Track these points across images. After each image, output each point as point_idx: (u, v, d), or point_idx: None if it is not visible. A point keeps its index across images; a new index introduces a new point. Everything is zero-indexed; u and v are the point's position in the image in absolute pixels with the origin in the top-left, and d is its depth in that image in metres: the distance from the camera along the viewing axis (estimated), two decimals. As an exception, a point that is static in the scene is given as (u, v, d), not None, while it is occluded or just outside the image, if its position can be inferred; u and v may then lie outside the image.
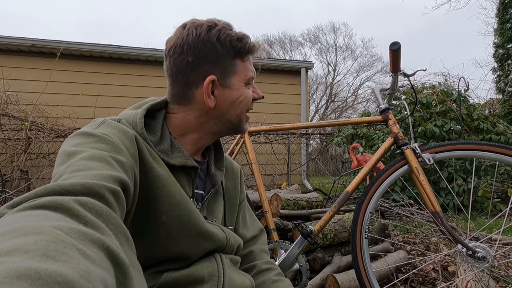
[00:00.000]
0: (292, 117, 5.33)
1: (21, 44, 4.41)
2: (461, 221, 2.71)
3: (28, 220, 0.26)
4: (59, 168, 0.42)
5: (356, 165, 3.56)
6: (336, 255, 1.64)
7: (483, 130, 3.82)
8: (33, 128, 3.56)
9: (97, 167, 0.40)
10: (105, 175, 0.38)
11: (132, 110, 0.63)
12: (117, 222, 0.33)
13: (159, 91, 4.87)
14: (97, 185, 0.35)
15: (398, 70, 1.17)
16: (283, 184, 3.94)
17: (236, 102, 0.65)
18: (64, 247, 0.23)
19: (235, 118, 0.67)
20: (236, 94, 0.65)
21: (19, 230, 0.24)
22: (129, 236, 0.35)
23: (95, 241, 0.27)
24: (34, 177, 3.54)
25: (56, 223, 0.26)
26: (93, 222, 0.29)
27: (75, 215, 0.29)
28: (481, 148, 1.11)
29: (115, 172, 0.41)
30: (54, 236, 0.23)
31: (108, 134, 0.49)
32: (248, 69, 0.66)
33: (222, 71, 0.62)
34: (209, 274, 0.59)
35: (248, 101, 0.67)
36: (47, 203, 0.29)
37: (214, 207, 0.69)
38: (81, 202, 0.31)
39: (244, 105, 0.67)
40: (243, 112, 0.67)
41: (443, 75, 4.82)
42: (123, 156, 0.47)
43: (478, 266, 1.03)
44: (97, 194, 0.34)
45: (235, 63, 0.63)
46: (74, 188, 0.33)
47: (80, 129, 0.52)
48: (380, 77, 21.43)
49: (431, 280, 1.60)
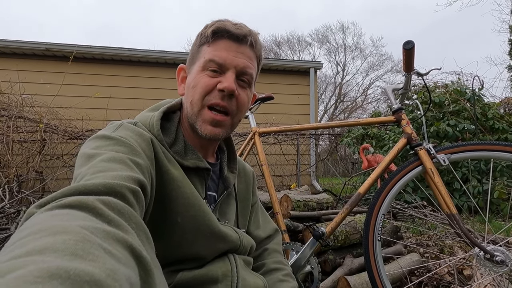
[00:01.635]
0: (301, 118, 5.30)
1: (35, 48, 4.53)
2: (476, 223, 2.64)
3: (56, 220, 0.27)
4: (80, 169, 0.43)
5: (367, 166, 3.51)
6: (348, 257, 1.62)
7: (498, 129, 3.71)
8: (48, 130, 3.65)
9: (116, 168, 0.41)
10: (124, 176, 0.40)
11: (149, 112, 0.64)
12: (138, 220, 0.34)
13: (168, 92, 4.93)
14: (118, 185, 0.36)
15: (412, 69, 1.15)
16: (293, 185, 3.92)
17: (189, 88, 0.61)
18: (90, 246, 0.24)
19: (190, 109, 0.61)
20: (190, 79, 0.62)
21: (48, 229, 0.25)
22: (149, 234, 0.36)
23: (119, 240, 0.27)
24: (48, 178, 3.62)
25: (82, 222, 0.27)
26: (116, 221, 0.30)
27: (99, 213, 0.30)
28: (498, 149, 1.08)
29: (133, 173, 0.42)
30: (81, 236, 0.24)
31: (126, 137, 0.50)
32: (208, 53, 0.59)
33: (191, 58, 0.64)
34: (223, 274, 0.60)
35: (201, 87, 0.58)
36: (72, 202, 0.30)
37: (226, 209, 0.70)
38: (104, 202, 0.32)
39: (197, 92, 0.59)
40: (198, 102, 0.59)
41: (456, 73, 4.71)
42: (140, 158, 0.48)
43: (497, 271, 1.00)
44: (118, 194, 0.35)
45: (200, 50, 0.61)
46: (97, 188, 0.35)
47: (99, 132, 0.53)
48: (390, 76, 21.14)
49: (446, 284, 1.56)
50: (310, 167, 5.15)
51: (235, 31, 0.59)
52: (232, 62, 0.59)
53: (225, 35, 0.59)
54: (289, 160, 5.05)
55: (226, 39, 0.59)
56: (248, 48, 0.62)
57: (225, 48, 0.59)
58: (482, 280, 1.22)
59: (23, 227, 0.27)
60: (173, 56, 4.94)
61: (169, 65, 5.11)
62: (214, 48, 0.59)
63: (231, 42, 0.60)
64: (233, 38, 0.60)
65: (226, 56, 0.59)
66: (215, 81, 0.59)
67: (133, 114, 3.63)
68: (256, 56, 0.65)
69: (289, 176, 5.01)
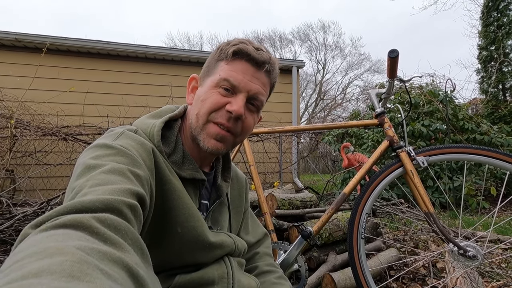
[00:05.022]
0: (283, 116, 5.36)
1: (4, 38, 4.24)
2: (447, 218, 2.82)
3: (51, 240, 0.27)
4: (79, 180, 0.42)
5: (347, 164, 3.62)
6: (331, 254, 1.67)
7: (468, 130, 3.95)
8: (19, 126, 3.45)
9: (116, 181, 0.41)
10: (123, 190, 0.40)
11: (150, 119, 0.63)
12: (134, 236, 0.35)
13: (149, 88, 4.80)
14: (116, 200, 0.37)
15: (395, 75, 1.20)
16: (276, 183, 3.97)
17: (198, 100, 0.61)
18: (87, 267, 0.24)
19: (195, 120, 0.61)
20: (201, 92, 0.62)
21: (43, 251, 0.25)
22: (145, 249, 0.36)
23: (115, 260, 0.28)
24: (20, 176, 3.43)
25: (78, 243, 0.27)
26: (112, 239, 0.31)
27: (95, 232, 0.30)
28: (472, 152, 1.16)
29: (133, 186, 0.42)
30: (77, 257, 0.24)
31: (127, 147, 0.50)
32: (224, 71, 0.59)
33: (206, 70, 0.64)
34: (219, 276, 0.61)
35: (210, 103, 0.59)
36: (68, 222, 0.30)
37: (219, 217, 0.71)
38: (100, 219, 0.32)
39: (205, 107, 0.59)
40: (203, 116, 0.59)
41: (430, 75, 4.95)
42: (141, 170, 0.48)
43: (469, 264, 1.08)
44: (115, 210, 0.36)
45: (218, 65, 0.62)
46: (94, 205, 0.34)
47: (99, 139, 0.52)
48: (368, 76, 21.79)
49: (421, 277, 1.66)
50: (292, 164, 5.23)
51: (255, 55, 0.59)
52: (246, 86, 0.60)
53: (245, 58, 0.60)
54: (272, 158, 5.10)
55: (244, 61, 0.60)
56: (264, 74, 0.62)
57: (242, 70, 0.60)
58: (455, 273, 1.32)
59: (18, 249, 0.27)
60: (154, 51, 4.81)
61: (150, 60, 4.97)
62: (231, 67, 0.60)
63: (249, 66, 0.60)
64: (252, 62, 0.60)
65: (241, 79, 0.59)
66: (225, 100, 0.59)
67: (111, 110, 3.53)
68: (270, 83, 0.65)
69: (272, 174, 5.07)
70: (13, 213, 2.03)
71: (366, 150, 4.36)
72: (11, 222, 1.86)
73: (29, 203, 2.64)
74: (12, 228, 1.84)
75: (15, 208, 2.22)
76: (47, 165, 3.63)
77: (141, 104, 4.47)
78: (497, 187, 3.77)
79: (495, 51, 6.77)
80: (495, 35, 6.78)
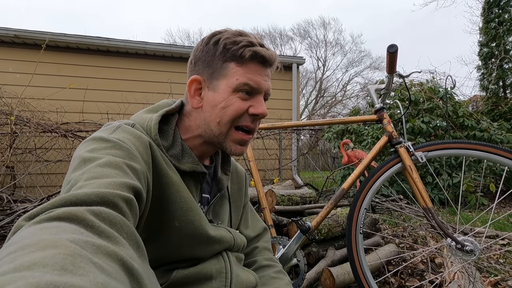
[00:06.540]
0: (283, 113, 5.35)
1: (3, 35, 4.22)
2: (445, 214, 2.83)
3: (44, 233, 0.27)
4: (74, 173, 0.42)
5: (347, 161, 3.63)
6: (330, 249, 1.69)
7: (467, 126, 3.95)
8: (19, 123, 3.45)
9: (111, 174, 0.41)
10: (119, 183, 0.39)
11: (147, 114, 0.63)
12: (129, 230, 0.34)
13: (149, 85, 4.79)
14: (111, 194, 0.36)
15: (394, 71, 1.20)
16: (275, 179, 3.98)
17: (216, 107, 0.60)
18: (80, 260, 0.24)
19: (216, 128, 0.61)
20: (218, 98, 0.60)
21: (36, 244, 0.24)
22: (141, 243, 0.36)
23: (109, 253, 0.27)
24: (20, 173, 3.44)
25: (71, 236, 0.27)
26: (106, 232, 0.30)
27: (89, 225, 0.30)
28: (471, 147, 1.16)
29: (129, 179, 0.42)
30: (70, 250, 0.24)
31: (123, 140, 0.50)
32: (241, 75, 0.59)
33: (211, 72, 0.61)
34: (217, 271, 0.61)
35: (234, 110, 0.59)
36: (62, 214, 0.30)
37: (220, 210, 0.71)
38: (95, 212, 0.32)
39: (228, 115, 0.59)
40: (227, 124, 0.60)
41: (431, 72, 4.94)
42: (137, 163, 0.48)
43: (467, 259, 1.09)
44: (111, 203, 0.35)
45: (227, 66, 0.59)
46: (89, 198, 0.34)
47: (95, 133, 0.52)
48: (368, 72, 21.75)
49: (419, 272, 1.67)
50: (292, 161, 5.23)
51: (267, 56, 0.60)
52: (263, 86, 0.61)
53: (259, 59, 0.60)
54: (271, 155, 5.11)
55: (258, 63, 0.60)
56: (269, 70, 0.64)
57: (257, 71, 0.60)
58: (452, 268, 1.33)
59: (11, 242, 0.26)
60: (154, 47, 4.79)
61: (150, 57, 4.95)
62: (246, 70, 0.59)
63: (260, 66, 0.61)
64: (264, 62, 0.61)
65: (259, 81, 0.60)
66: (247, 105, 0.61)
67: (111, 107, 3.53)
68: None
69: (272, 170, 5.07)
70: (14, 209, 2.04)
71: (365, 147, 4.36)
72: (11, 217, 1.87)
73: (30, 199, 2.65)
74: (13, 224, 1.85)
75: (16, 204, 2.23)
76: (47, 161, 3.64)
77: (140, 101, 4.46)
78: (496, 183, 3.78)
79: (496, 48, 6.75)
80: (496, 31, 6.75)
